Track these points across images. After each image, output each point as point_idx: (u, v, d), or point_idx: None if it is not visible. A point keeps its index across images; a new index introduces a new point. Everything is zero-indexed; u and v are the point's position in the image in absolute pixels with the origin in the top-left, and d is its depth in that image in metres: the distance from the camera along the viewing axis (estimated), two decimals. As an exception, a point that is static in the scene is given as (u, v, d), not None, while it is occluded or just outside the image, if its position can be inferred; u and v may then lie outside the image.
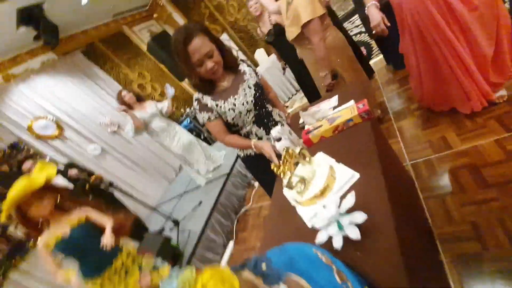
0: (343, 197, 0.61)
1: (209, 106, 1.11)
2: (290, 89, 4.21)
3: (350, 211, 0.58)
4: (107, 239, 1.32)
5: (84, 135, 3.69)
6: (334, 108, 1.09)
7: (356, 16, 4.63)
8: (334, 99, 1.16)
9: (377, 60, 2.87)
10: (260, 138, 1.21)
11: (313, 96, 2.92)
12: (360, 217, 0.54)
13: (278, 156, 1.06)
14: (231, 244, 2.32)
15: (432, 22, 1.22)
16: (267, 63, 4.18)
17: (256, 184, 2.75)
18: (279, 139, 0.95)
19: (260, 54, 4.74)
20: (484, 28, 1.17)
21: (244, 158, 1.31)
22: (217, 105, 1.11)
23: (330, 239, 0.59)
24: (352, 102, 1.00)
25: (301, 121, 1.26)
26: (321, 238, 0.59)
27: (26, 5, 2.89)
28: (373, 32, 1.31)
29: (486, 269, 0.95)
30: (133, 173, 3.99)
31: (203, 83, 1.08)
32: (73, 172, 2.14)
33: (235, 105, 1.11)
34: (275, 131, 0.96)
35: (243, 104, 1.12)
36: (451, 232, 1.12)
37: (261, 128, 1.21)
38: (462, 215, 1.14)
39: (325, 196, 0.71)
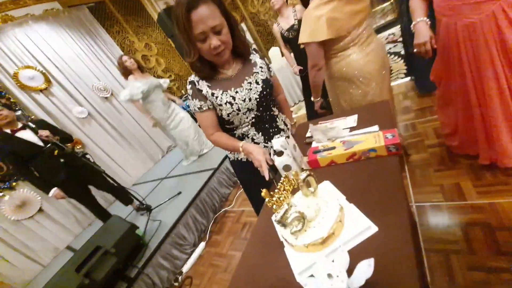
0: (352, 257, 0.44)
1: (203, 93, 0.92)
2: (299, 94, 4.03)
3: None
4: None
5: (72, 95, 3.43)
6: (351, 129, 0.92)
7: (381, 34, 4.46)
8: (352, 119, 0.98)
9: (394, 85, 2.71)
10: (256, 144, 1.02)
11: (313, 113, 2.74)
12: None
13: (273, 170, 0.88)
14: (202, 245, 2.14)
15: (475, 56, 1.06)
16: (280, 63, 3.98)
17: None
18: (280, 153, 0.77)
19: (274, 52, 4.53)
20: None
21: (234, 161, 1.12)
22: (213, 95, 0.92)
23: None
24: (376, 127, 0.82)
25: (308, 134, 1.08)
26: (313, 313, 0.41)
27: None
28: (415, 50, 1.14)
29: None
30: (117, 146, 3.75)
31: (203, 64, 0.89)
32: (43, 133, 1.91)
33: (234, 98, 0.92)
34: (277, 143, 0.78)
35: (244, 100, 0.93)
36: (452, 299, 0.97)
37: (260, 133, 1.02)
38: (466, 280, 0.99)
39: (326, 246, 0.53)
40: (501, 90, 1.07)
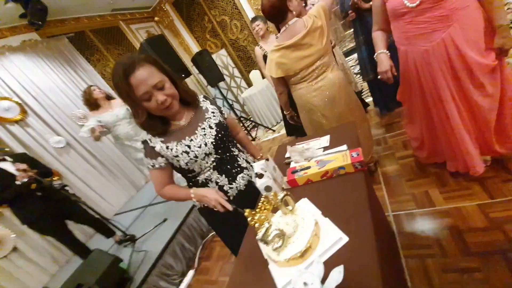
0: (327, 266, 0.50)
1: (156, 151, 0.91)
2: (280, 113, 4.19)
3: (335, 292, 0.46)
4: None
5: (49, 125, 3.33)
6: (325, 149, 1.01)
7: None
8: (325, 139, 1.08)
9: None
10: (221, 187, 1.00)
11: (292, 129, 2.96)
12: (348, 307, 0.42)
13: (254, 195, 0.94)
14: (190, 273, 2.08)
15: (432, 78, 1.22)
16: (261, 84, 4.18)
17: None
18: (261, 176, 0.84)
19: (255, 75, 4.76)
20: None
21: (201, 209, 1.06)
22: (167, 148, 0.91)
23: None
24: (345, 147, 0.92)
25: (287, 155, 1.16)
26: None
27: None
28: (379, 76, 1.33)
29: None
30: (97, 174, 3.63)
31: (154, 122, 0.89)
32: (21, 166, 1.84)
33: (189, 147, 0.92)
34: (257, 166, 0.85)
35: (200, 146, 0.93)
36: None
37: (223, 175, 1.00)
38: (443, 282, 1.06)
39: (305, 259, 0.59)
40: (459, 108, 1.21)
